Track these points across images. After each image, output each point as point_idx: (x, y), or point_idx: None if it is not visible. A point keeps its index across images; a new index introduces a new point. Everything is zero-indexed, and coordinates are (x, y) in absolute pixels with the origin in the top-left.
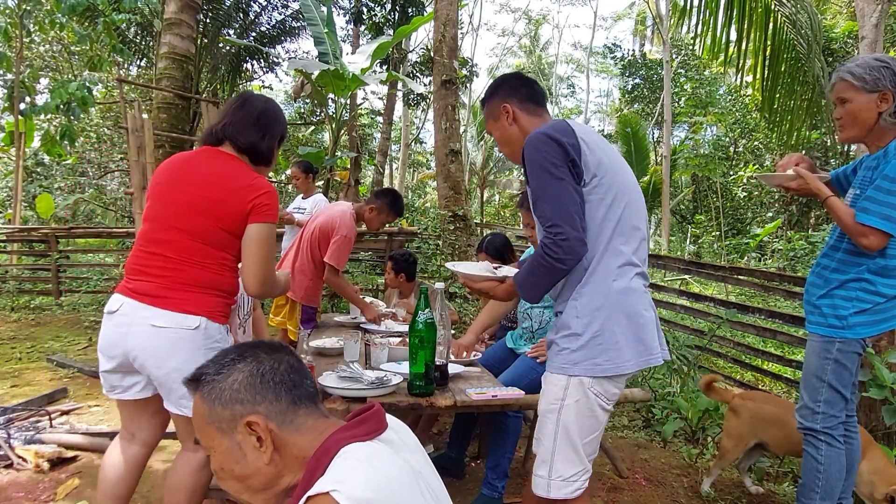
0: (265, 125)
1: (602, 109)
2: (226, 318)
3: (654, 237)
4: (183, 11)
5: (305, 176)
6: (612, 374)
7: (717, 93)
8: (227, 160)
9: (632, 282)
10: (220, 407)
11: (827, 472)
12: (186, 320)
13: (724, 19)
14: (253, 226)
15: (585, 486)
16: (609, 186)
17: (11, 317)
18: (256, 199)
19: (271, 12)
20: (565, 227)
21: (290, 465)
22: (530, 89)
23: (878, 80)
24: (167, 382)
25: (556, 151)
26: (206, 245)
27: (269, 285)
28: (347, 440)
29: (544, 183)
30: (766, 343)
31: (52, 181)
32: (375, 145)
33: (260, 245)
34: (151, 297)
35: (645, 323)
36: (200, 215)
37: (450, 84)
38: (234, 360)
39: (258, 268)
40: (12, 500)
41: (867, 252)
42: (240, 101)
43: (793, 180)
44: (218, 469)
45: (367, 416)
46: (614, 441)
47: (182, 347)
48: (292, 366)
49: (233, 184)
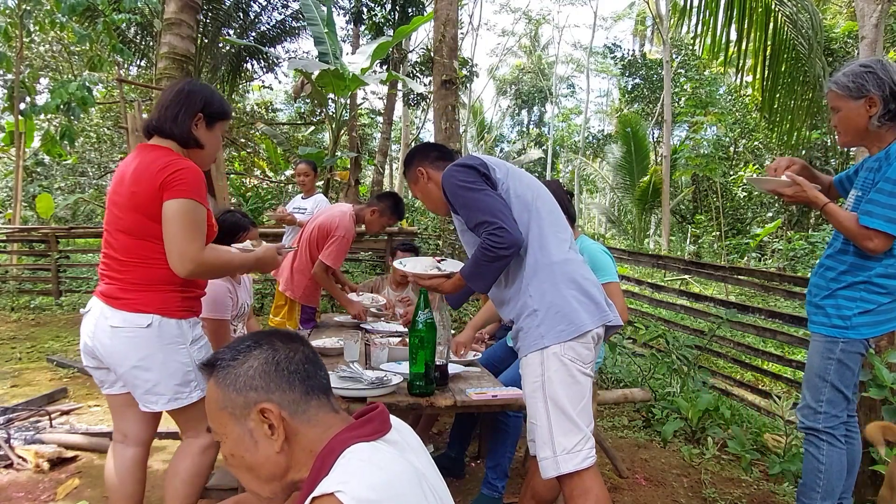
0: (179, 103)
1: (602, 109)
2: (187, 311)
3: (654, 237)
4: (183, 11)
5: (315, 174)
6: (576, 334)
7: (717, 93)
8: (151, 151)
9: (569, 253)
10: (234, 393)
11: (828, 471)
12: (138, 319)
13: (724, 19)
14: (167, 203)
15: (593, 455)
16: (525, 186)
17: (11, 317)
18: (167, 178)
19: (271, 12)
20: (498, 220)
21: (299, 457)
22: (440, 151)
23: (862, 87)
24: (130, 380)
25: (469, 172)
26: (145, 241)
27: (197, 263)
28: (352, 440)
29: (468, 197)
30: (766, 343)
31: (52, 181)
32: (375, 145)
33: (175, 221)
34: (111, 299)
35: (589, 286)
36: (131, 211)
37: (450, 84)
38: (249, 346)
39: (178, 245)
40: (12, 500)
41: (873, 255)
42: (165, 90)
43: (788, 187)
44: (228, 455)
45: (372, 416)
46: (614, 441)
47: (138, 346)
48: (307, 356)
49: (149, 171)
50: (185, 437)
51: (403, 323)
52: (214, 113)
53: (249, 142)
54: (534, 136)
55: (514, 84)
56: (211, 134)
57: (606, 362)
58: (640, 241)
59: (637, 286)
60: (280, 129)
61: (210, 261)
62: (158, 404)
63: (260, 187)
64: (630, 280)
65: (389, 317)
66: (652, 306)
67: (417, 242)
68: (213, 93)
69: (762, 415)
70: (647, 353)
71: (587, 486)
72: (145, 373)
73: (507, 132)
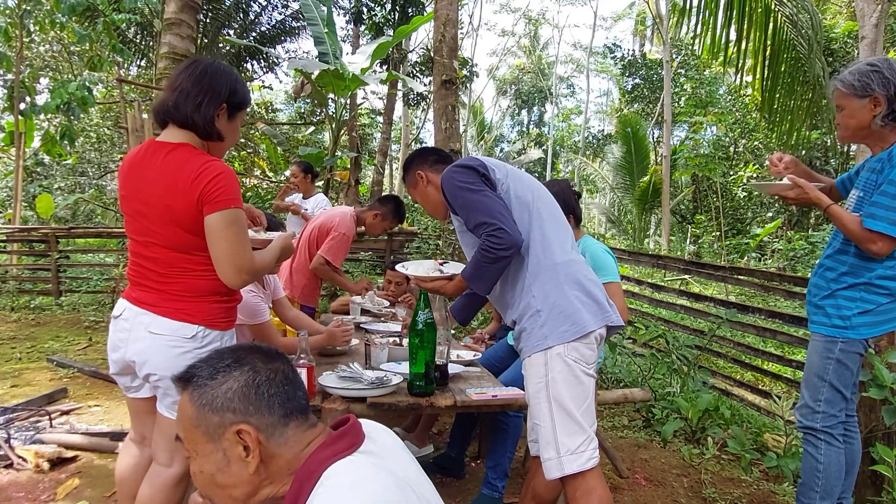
0: (202, 91)
1: (602, 109)
2: (230, 322)
3: (654, 237)
4: (183, 11)
5: (304, 175)
6: (580, 335)
7: (717, 93)
8: (170, 152)
9: (571, 253)
10: (209, 412)
11: (826, 470)
12: (183, 329)
13: (724, 19)
14: (209, 217)
15: (597, 455)
16: (525, 187)
17: (11, 317)
18: (204, 190)
19: (271, 12)
20: (498, 222)
21: (273, 476)
22: (438, 155)
23: (868, 86)
24: (161, 388)
25: (468, 172)
26: (189, 254)
27: (249, 272)
28: (330, 459)
29: (468, 198)
30: (766, 343)
31: (52, 181)
32: (375, 145)
33: (222, 235)
34: (152, 306)
35: (592, 286)
36: (170, 226)
37: (450, 84)
38: (229, 366)
39: (231, 258)
40: (12, 500)
41: (876, 257)
42: (181, 69)
43: (790, 189)
44: (197, 472)
45: (345, 430)
46: (614, 441)
47: (177, 356)
48: (287, 376)
49: (181, 181)
50: (158, 462)
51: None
52: (237, 103)
53: (249, 142)
54: (534, 137)
55: (513, 84)
56: (232, 125)
57: (607, 362)
58: (640, 241)
59: (637, 286)
60: (280, 129)
61: (259, 267)
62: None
63: (260, 187)
64: (630, 280)
65: (389, 317)
66: (652, 306)
67: (417, 242)
68: (236, 79)
69: (762, 415)
70: (647, 353)
71: (590, 486)
72: None
73: (507, 132)
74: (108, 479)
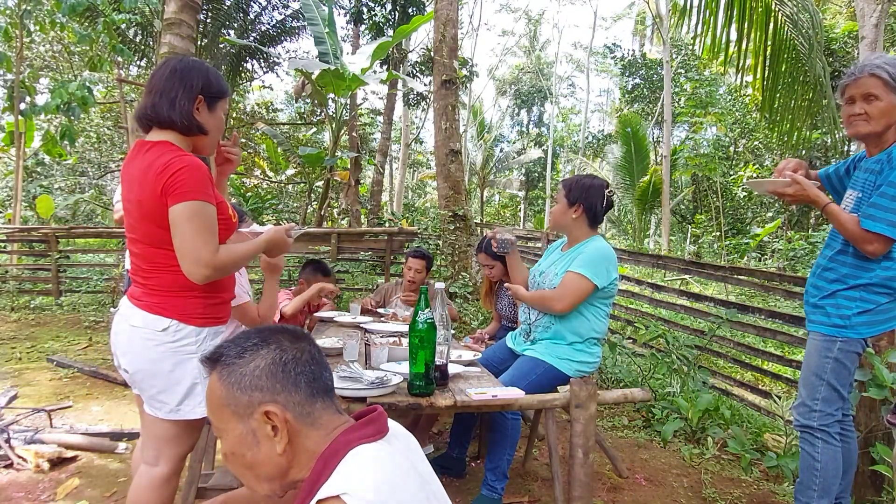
0: (174, 86)
1: (602, 109)
2: (210, 319)
3: (655, 237)
4: (183, 11)
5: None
6: None
7: (717, 93)
8: (148, 150)
9: None
10: (238, 391)
11: (824, 469)
12: (156, 322)
13: (724, 19)
14: (172, 209)
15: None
16: None
17: (11, 317)
18: (167, 182)
19: (271, 12)
20: None
21: (300, 458)
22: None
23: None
24: (138, 381)
25: None
26: (162, 248)
27: (213, 267)
28: (357, 441)
29: None
30: (766, 343)
31: (52, 181)
32: (375, 145)
33: (183, 226)
34: (135, 299)
35: None
36: (143, 221)
37: (450, 84)
38: (256, 344)
39: (190, 250)
40: (12, 500)
41: (872, 257)
42: (153, 72)
43: (788, 187)
44: (228, 453)
45: (373, 417)
46: (614, 441)
47: (150, 348)
48: (314, 357)
49: (149, 176)
50: (146, 462)
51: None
52: (215, 93)
53: (250, 142)
54: (533, 136)
55: (513, 84)
56: (213, 116)
57: (606, 362)
58: (640, 241)
59: (637, 286)
60: (280, 129)
61: (225, 261)
62: (161, 412)
63: (260, 187)
64: (630, 280)
65: (390, 317)
66: (652, 306)
67: (417, 242)
68: (208, 70)
69: (762, 415)
70: (647, 353)
71: None
72: (152, 378)
73: (506, 132)
74: (108, 479)
